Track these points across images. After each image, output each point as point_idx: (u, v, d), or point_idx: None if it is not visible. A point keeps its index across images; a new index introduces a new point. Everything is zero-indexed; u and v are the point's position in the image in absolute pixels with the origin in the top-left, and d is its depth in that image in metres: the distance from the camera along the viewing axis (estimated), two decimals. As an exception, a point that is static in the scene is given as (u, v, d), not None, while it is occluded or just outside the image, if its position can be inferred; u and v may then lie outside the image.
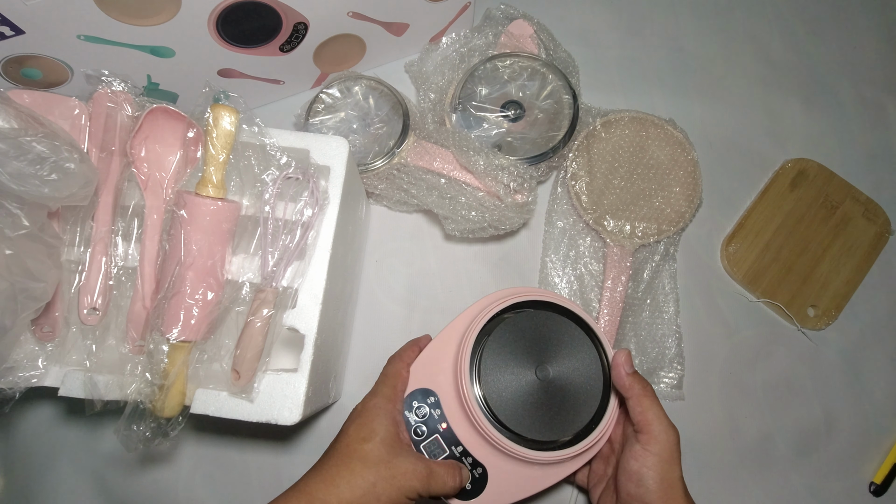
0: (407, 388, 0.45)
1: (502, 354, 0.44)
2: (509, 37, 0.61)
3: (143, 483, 0.55)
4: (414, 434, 0.44)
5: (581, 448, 0.42)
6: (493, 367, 0.43)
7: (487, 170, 0.52)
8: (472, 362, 0.43)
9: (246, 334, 0.39)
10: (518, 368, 0.43)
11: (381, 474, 0.38)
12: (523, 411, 0.43)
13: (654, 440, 0.39)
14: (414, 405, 0.44)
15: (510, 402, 0.43)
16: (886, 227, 0.64)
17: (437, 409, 0.44)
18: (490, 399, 0.43)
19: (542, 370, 0.43)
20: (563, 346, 0.44)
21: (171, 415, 0.38)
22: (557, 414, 0.43)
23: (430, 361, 0.46)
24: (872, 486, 0.58)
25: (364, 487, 0.37)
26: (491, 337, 0.44)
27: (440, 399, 0.44)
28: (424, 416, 0.44)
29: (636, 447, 0.40)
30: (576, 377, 0.44)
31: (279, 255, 0.41)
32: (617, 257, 0.58)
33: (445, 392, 0.44)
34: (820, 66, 0.70)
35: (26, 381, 0.40)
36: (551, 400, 0.43)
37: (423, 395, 0.45)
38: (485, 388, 0.43)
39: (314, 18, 0.52)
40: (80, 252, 0.42)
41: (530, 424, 0.42)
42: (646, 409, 0.40)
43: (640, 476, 0.39)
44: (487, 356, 0.44)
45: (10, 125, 0.35)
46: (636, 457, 0.40)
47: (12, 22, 0.41)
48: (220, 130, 0.39)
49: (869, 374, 0.61)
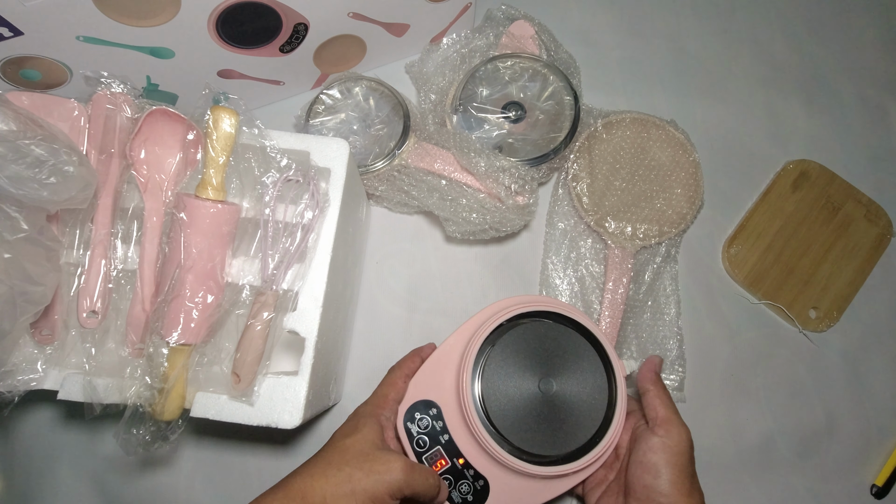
0: (410, 399, 0.45)
1: (505, 366, 0.43)
2: (510, 37, 0.61)
3: (142, 487, 0.55)
4: (416, 446, 0.44)
5: (584, 463, 0.42)
6: (495, 379, 0.43)
7: (488, 171, 0.51)
8: (475, 374, 0.43)
9: (246, 337, 0.39)
10: (521, 381, 0.43)
11: (360, 466, 0.38)
12: (525, 425, 0.42)
13: (672, 434, 0.41)
14: (416, 416, 0.44)
15: (512, 415, 0.42)
16: (888, 229, 0.64)
17: (440, 421, 0.44)
18: (492, 412, 0.42)
19: (545, 383, 0.43)
20: (568, 359, 0.44)
21: (170, 418, 0.38)
22: (560, 428, 0.42)
23: (432, 372, 0.46)
24: (874, 489, 0.58)
25: (340, 478, 0.37)
26: (494, 348, 0.44)
27: (442, 410, 0.44)
28: (426, 427, 0.44)
29: (654, 440, 0.41)
30: (580, 391, 0.43)
31: (279, 258, 0.41)
32: (618, 259, 0.58)
33: (447, 403, 0.44)
34: (822, 67, 0.69)
35: (25, 384, 0.40)
36: (554, 414, 0.43)
37: (426, 406, 0.44)
38: (487, 401, 0.43)
39: (314, 19, 0.52)
40: (80, 255, 0.42)
41: (532, 438, 0.42)
42: (666, 405, 0.42)
43: (658, 467, 0.40)
44: (490, 368, 0.43)
45: (9, 128, 0.35)
46: (654, 449, 0.40)
47: (11, 23, 0.41)
48: (220, 132, 0.39)
49: (870, 376, 0.61)
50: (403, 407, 0.45)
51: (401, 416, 0.44)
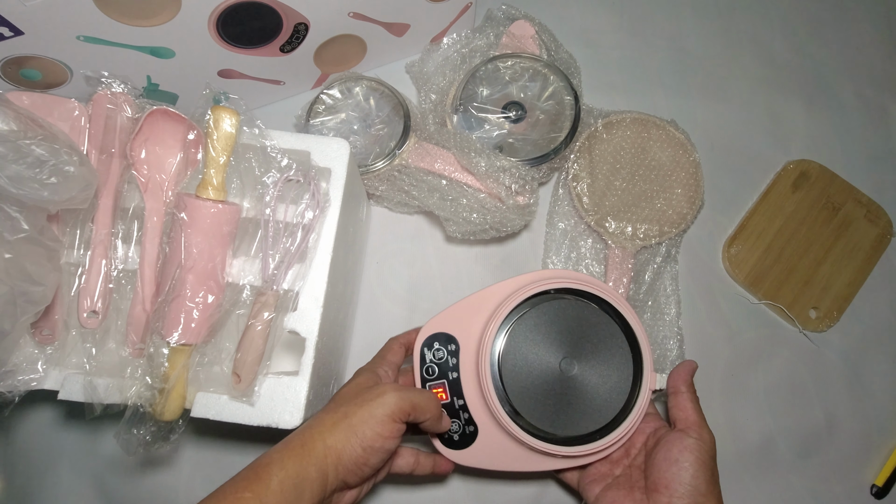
0: (434, 328, 0.45)
1: (534, 332, 0.43)
2: (511, 37, 0.61)
3: (143, 487, 0.55)
4: (425, 372, 0.44)
5: (575, 452, 0.42)
6: (520, 340, 0.43)
7: (489, 171, 0.51)
8: (502, 328, 0.43)
9: (247, 337, 0.39)
10: (544, 351, 0.43)
11: (352, 401, 0.37)
12: (532, 394, 0.42)
13: (704, 437, 0.41)
14: (434, 345, 0.45)
15: (523, 381, 0.43)
16: (888, 229, 0.64)
17: (454, 358, 0.45)
18: (505, 371, 0.43)
19: (567, 363, 0.43)
20: (600, 349, 0.44)
21: (171, 418, 0.38)
22: (564, 410, 0.43)
23: (464, 311, 0.46)
24: (874, 489, 0.58)
25: (336, 417, 0.36)
26: (531, 311, 0.44)
27: (460, 350, 0.45)
28: (440, 358, 0.45)
29: (688, 440, 0.41)
30: (598, 385, 0.43)
31: (280, 258, 0.41)
32: (618, 259, 0.58)
33: (467, 345, 0.45)
34: (822, 67, 0.69)
35: (26, 384, 0.40)
36: (564, 394, 0.43)
37: (446, 339, 0.45)
38: (504, 358, 0.43)
39: (315, 19, 0.52)
40: (80, 255, 0.42)
41: (534, 409, 0.42)
42: (698, 410, 0.43)
43: (692, 465, 0.40)
44: (519, 328, 0.43)
45: (10, 127, 0.35)
46: (689, 448, 0.41)
47: (11, 23, 0.41)
48: (221, 132, 0.39)
49: (871, 376, 0.61)
50: (426, 332, 0.45)
51: (421, 339, 0.45)
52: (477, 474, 0.56)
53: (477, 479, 0.55)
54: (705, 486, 0.40)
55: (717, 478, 0.41)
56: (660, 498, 0.40)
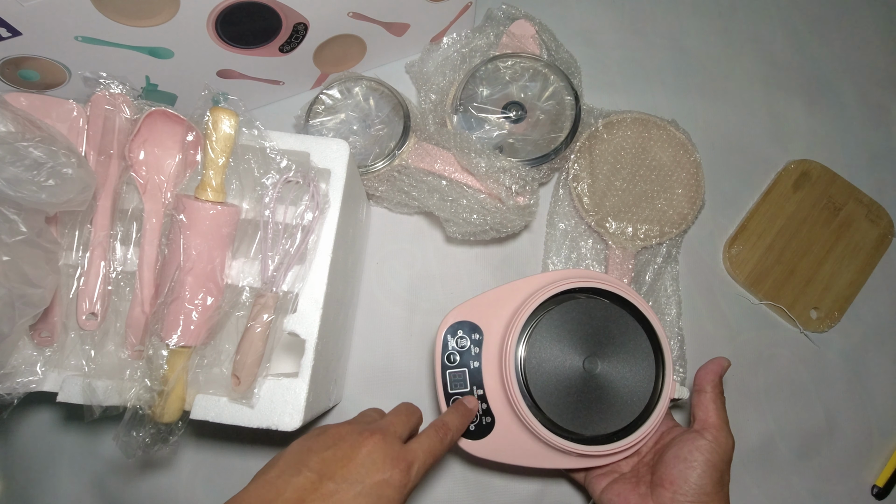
0: (460, 316, 0.46)
1: (560, 329, 0.44)
2: (511, 37, 0.60)
3: (142, 489, 0.55)
4: (446, 360, 0.45)
5: (592, 451, 0.42)
6: (544, 336, 0.43)
7: (489, 172, 0.51)
8: (528, 323, 0.43)
9: (246, 339, 0.39)
10: (568, 348, 0.43)
11: None
12: (554, 390, 0.43)
13: (721, 440, 0.41)
14: (458, 333, 0.45)
15: (546, 376, 0.43)
16: (889, 229, 0.63)
17: (477, 348, 0.45)
18: (528, 366, 0.43)
19: (591, 362, 0.43)
20: (624, 351, 0.44)
21: (170, 420, 0.38)
22: (585, 409, 0.43)
23: (493, 303, 0.46)
24: (875, 489, 0.58)
25: None
26: (557, 307, 0.44)
27: (484, 340, 0.45)
28: (463, 347, 0.45)
29: (702, 442, 0.41)
30: (621, 387, 0.43)
31: (279, 260, 0.41)
32: (619, 259, 0.58)
33: (492, 337, 0.45)
34: (823, 67, 0.69)
35: (25, 386, 0.39)
36: (585, 393, 0.43)
37: (471, 329, 0.45)
38: (528, 354, 0.43)
39: (314, 19, 0.51)
40: (79, 257, 0.41)
41: (555, 405, 0.42)
42: (721, 411, 0.42)
43: (703, 467, 0.40)
44: (544, 324, 0.44)
45: (7, 129, 0.35)
46: (701, 449, 0.40)
47: (9, 23, 0.41)
48: (220, 134, 0.39)
49: (871, 376, 0.61)
50: (451, 319, 0.46)
51: (445, 325, 0.46)
52: (478, 472, 0.56)
53: (477, 480, 0.55)
54: (712, 486, 0.39)
55: (726, 481, 0.41)
56: (664, 493, 0.40)
